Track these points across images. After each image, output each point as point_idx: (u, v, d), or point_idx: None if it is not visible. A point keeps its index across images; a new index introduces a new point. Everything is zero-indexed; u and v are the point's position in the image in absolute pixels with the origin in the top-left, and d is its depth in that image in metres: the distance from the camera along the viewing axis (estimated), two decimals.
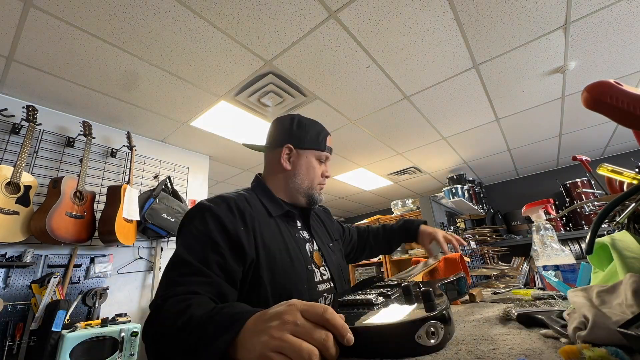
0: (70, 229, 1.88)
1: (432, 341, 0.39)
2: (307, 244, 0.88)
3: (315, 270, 0.84)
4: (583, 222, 3.60)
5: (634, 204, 0.45)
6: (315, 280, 0.82)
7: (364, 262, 4.15)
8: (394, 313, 0.45)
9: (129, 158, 2.44)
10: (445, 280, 0.69)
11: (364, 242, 1.28)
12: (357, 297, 0.54)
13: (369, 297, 0.52)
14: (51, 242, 1.84)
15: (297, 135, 0.90)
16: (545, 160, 4.08)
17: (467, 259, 1.04)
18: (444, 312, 0.42)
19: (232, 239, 0.70)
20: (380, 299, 0.52)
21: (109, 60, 1.78)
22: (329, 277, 0.87)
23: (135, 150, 2.46)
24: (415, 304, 0.47)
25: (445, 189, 3.56)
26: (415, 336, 0.38)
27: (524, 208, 1.06)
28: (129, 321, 1.93)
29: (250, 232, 0.74)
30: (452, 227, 3.77)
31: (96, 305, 2.02)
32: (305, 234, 0.90)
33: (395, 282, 0.67)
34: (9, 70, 1.81)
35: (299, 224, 0.91)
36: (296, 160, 0.90)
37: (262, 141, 1.05)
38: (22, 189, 1.79)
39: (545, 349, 0.37)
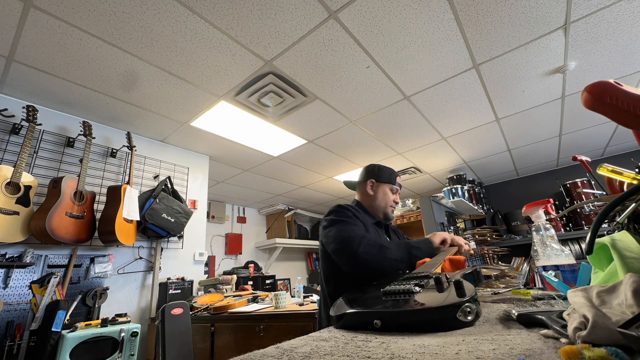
0: (70, 229, 1.88)
1: (469, 318, 0.50)
2: None
3: None
4: (583, 222, 3.60)
5: (634, 204, 0.45)
6: None
7: None
8: (435, 298, 0.55)
9: (129, 158, 2.44)
10: (466, 271, 0.80)
11: None
12: (399, 287, 0.64)
13: (408, 287, 0.62)
14: (51, 242, 1.84)
15: (377, 174, 1.39)
16: (545, 160, 4.08)
17: (471, 248, 1.17)
18: (475, 295, 0.53)
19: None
20: (418, 288, 0.62)
21: (109, 60, 1.78)
22: None
23: (135, 150, 2.46)
24: (449, 291, 0.56)
25: (445, 189, 3.56)
26: (457, 315, 0.50)
27: (524, 208, 1.06)
28: (129, 321, 1.93)
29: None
30: (452, 227, 3.77)
31: (96, 306, 2.02)
32: (387, 238, 1.34)
33: (424, 274, 0.76)
34: (9, 70, 1.81)
35: (384, 232, 1.36)
36: (376, 189, 1.36)
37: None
38: (22, 189, 1.79)
39: (545, 349, 0.37)
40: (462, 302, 0.51)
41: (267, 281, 4.14)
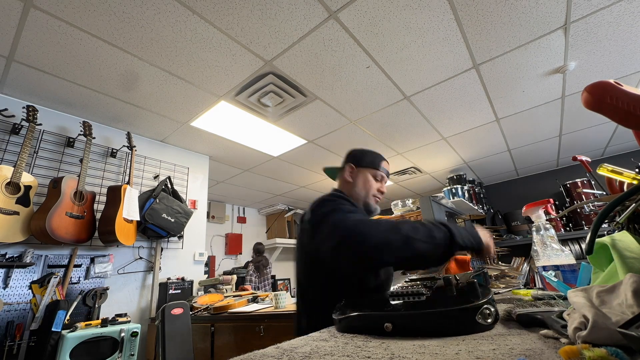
0: (70, 229, 1.88)
1: (489, 320, 0.47)
2: None
3: None
4: (583, 222, 3.60)
5: (634, 204, 0.45)
6: None
7: None
8: (450, 300, 0.52)
9: (129, 158, 2.44)
10: (475, 273, 0.77)
11: None
12: (406, 289, 0.61)
13: (416, 288, 0.59)
14: (51, 242, 1.84)
15: (358, 158, 1.21)
16: (545, 160, 4.08)
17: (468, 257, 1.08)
18: (492, 297, 0.50)
19: None
20: (426, 290, 0.59)
21: (109, 60, 1.78)
22: None
23: (136, 150, 2.46)
24: (462, 293, 0.53)
25: (445, 189, 3.55)
26: (476, 317, 0.47)
27: (524, 208, 1.06)
28: (129, 321, 1.93)
29: None
30: None
31: (96, 306, 2.02)
32: None
33: (429, 276, 0.73)
34: (9, 70, 1.81)
35: None
36: (356, 175, 1.17)
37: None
38: (22, 189, 1.79)
39: (545, 349, 0.37)
40: (480, 303, 0.48)
41: None
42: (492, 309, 0.48)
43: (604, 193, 0.74)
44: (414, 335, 0.48)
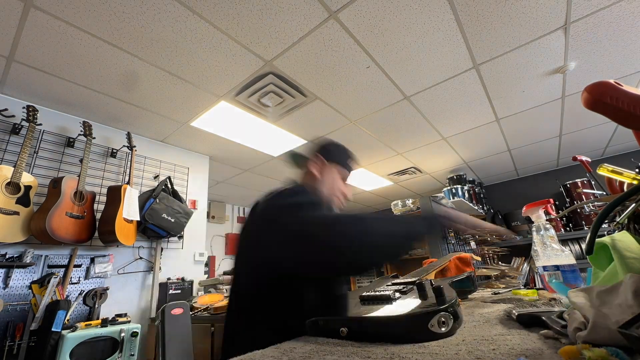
0: (70, 229, 1.88)
1: (443, 329, 0.46)
2: None
3: None
4: (583, 222, 3.60)
5: (634, 204, 0.45)
6: None
7: None
8: (410, 306, 0.52)
9: (129, 158, 2.44)
10: (456, 278, 0.77)
11: None
12: (377, 293, 0.61)
13: (387, 292, 0.59)
14: (51, 242, 1.84)
15: (330, 151, 1.06)
16: (545, 160, 4.08)
17: (477, 258, 1.06)
18: (453, 305, 0.48)
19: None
20: (397, 294, 0.59)
21: (109, 60, 1.78)
22: None
23: (136, 150, 2.46)
24: (429, 298, 0.53)
25: (445, 189, 3.55)
26: (429, 325, 0.45)
27: (524, 208, 1.05)
28: (129, 321, 1.93)
29: None
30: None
31: (96, 306, 2.02)
32: None
33: (411, 280, 0.73)
34: (9, 70, 1.81)
35: None
36: (322, 168, 1.02)
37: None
38: (22, 189, 1.79)
39: (545, 349, 0.37)
40: (436, 310, 0.46)
41: None
42: (449, 317, 0.47)
43: (604, 193, 0.74)
44: (371, 341, 0.47)
